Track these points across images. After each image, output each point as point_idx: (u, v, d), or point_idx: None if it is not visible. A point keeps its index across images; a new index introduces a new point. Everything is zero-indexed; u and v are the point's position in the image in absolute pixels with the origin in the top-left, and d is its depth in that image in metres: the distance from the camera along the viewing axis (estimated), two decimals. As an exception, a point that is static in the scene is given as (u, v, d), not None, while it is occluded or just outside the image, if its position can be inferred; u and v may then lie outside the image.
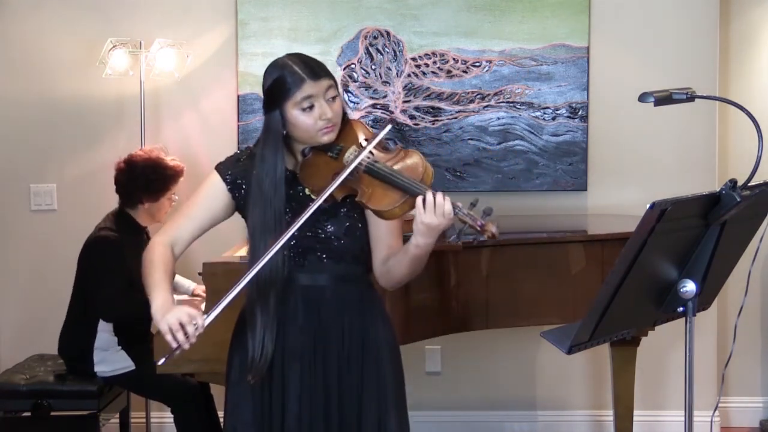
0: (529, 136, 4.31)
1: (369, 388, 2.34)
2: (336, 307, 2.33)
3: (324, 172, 2.28)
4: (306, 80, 2.24)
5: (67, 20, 4.31)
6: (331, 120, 2.27)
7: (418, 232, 2.16)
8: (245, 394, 2.33)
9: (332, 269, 2.32)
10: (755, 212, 2.29)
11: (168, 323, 2.14)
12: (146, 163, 3.69)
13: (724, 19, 4.40)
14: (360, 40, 4.29)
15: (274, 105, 2.28)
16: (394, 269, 2.30)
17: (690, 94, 2.28)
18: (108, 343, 3.67)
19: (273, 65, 2.32)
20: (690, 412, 2.22)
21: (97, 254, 3.63)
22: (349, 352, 2.33)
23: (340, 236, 2.31)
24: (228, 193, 2.36)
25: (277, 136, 2.28)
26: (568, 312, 3.39)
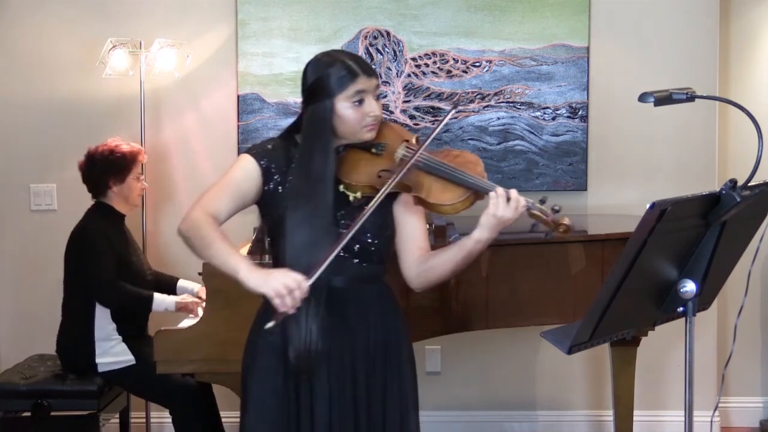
0: (529, 136, 4.31)
1: (392, 389, 2.34)
2: (359, 308, 2.32)
3: (366, 168, 2.28)
4: (360, 75, 2.25)
5: (67, 20, 4.31)
6: (377, 117, 2.29)
7: (487, 226, 2.18)
8: (269, 398, 2.30)
9: (356, 269, 2.30)
10: (755, 212, 2.29)
11: (274, 288, 2.08)
12: (103, 149, 3.77)
13: (724, 19, 4.40)
14: (360, 40, 4.29)
15: (322, 97, 2.25)
16: (437, 267, 2.30)
17: (690, 94, 2.28)
18: (107, 332, 3.68)
19: (320, 58, 2.30)
20: (690, 412, 2.22)
21: (85, 244, 3.69)
22: (374, 352, 2.32)
23: (374, 235, 2.29)
24: (260, 178, 2.29)
25: (327, 129, 2.25)
26: (568, 312, 3.40)
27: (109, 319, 3.69)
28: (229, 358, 3.01)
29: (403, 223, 2.36)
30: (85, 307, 3.68)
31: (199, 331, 3.07)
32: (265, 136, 4.29)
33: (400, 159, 2.28)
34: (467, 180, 2.22)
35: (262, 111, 4.29)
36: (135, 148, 3.81)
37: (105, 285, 3.63)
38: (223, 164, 4.33)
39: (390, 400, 2.33)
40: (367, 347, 2.32)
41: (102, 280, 3.63)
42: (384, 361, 2.34)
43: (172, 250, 4.32)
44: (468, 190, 2.22)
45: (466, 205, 2.23)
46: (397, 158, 2.29)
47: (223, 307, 3.03)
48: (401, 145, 2.31)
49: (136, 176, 3.80)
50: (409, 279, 2.37)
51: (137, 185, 3.82)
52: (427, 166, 2.26)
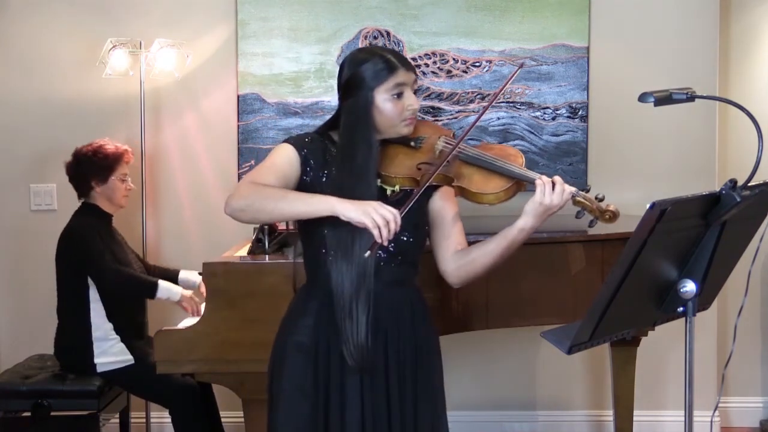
0: (529, 136, 4.31)
1: (423, 393, 2.33)
2: (390, 311, 2.30)
3: (405, 161, 2.29)
4: (400, 67, 2.26)
5: (67, 20, 4.31)
6: (416, 110, 2.29)
7: (533, 214, 2.19)
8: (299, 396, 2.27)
9: (389, 272, 2.29)
10: (755, 212, 2.29)
11: (373, 218, 2.03)
12: (87, 149, 3.78)
13: (724, 19, 4.40)
14: (360, 40, 4.29)
15: (362, 89, 2.25)
16: (478, 260, 2.29)
17: (690, 94, 2.28)
18: (105, 332, 3.68)
19: (359, 54, 2.31)
20: (690, 412, 2.22)
21: (76, 241, 3.70)
22: (405, 357, 2.31)
23: (410, 232, 2.28)
24: (300, 167, 2.26)
25: (368, 118, 2.24)
26: (568, 312, 3.39)
27: (105, 318, 3.69)
28: (229, 358, 3.02)
29: (441, 218, 2.35)
30: (80, 307, 3.68)
31: (199, 331, 3.07)
32: (265, 136, 4.29)
33: (440, 151, 2.29)
34: (510, 169, 2.25)
35: (262, 111, 4.29)
36: (120, 149, 3.81)
37: (105, 267, 3.64)
38: (223, 164, 4.34)
39: (422, 406, 2.32)
40: (398, 350, 2.30)
41: (102, 264, 3.64)
42: (415, 364, 2.33)
43: (172, 250, 4.32)
44: (511, 180, 2.25)
45: (509, 194, 2.26)
46: (437, 150, 2.30)
47: (223, 307, 3.03)
48: (440, 138, 2.33)
49: (121, 177, 3.79)
50: (447, 273, 2.35)
51: (121, 186, 3.80)
52: (468, 156, 2.28)
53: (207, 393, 3.80)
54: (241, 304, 3.01)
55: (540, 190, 2.18)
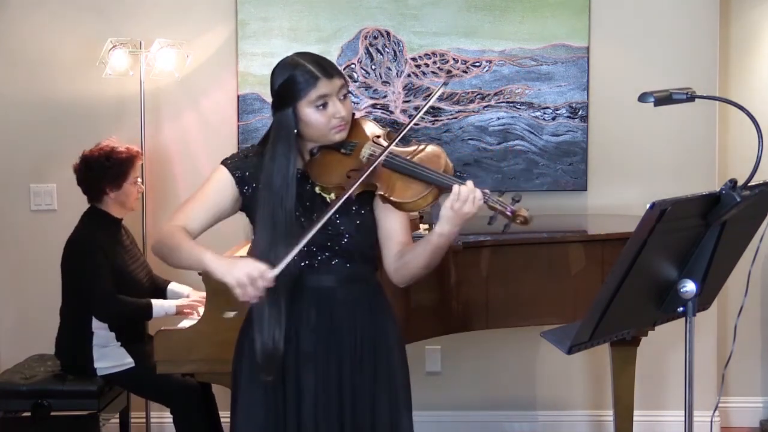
0: (529, 136, 4.31)
1: (381, 389, 2.34)
2: (347, 307, 2.33)
3: (337, 169, 2.29)
4: (320, 79, 2.25)
5: (67, 20, 4.31)
6: (344, 118, 2.29)
7: (446, 220, 2.18)
8: (257, 397, 2.31)
9: (342, 270, 2.32)
10: (755, 212, 2.29)
11: (236, 278, 2.11)
12: (98, 153, 3.71)
13: (724, 19, 4.39)
14: (360, 40, 4.29)
15: (286, 103, 2.27)
16: (410, 263, 2.31)
17: (690, 94, 2.28)
18: (106, 339, 3.67)
19: (284, 64, 2.32)
20: (690, 412, 2.22)
21: (80, 255, 3.65)
22: (361, 353, 2.33)
23: (352, 233, 2.31)
24: (236, 188, 2.34)
25: (290, 135, 2.27)
26: (568, 312, 3.39)
27: (107, 328, 3.68)
28: (229, 358, 2.99)
29: (382, 219, 2.36)
30: (83, 316, 3.66)
31: (199, 331, 3.07)
32: (265, 136, 4.29)
33: (366, 158, 2.29)
34: (427, 175, 2.22)
35: (262, 111, 4.29)
36: (132, 151, 3.76)
37: (101, 303, 3.59)
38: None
39: (379, 401, 2.33)
40: (355, 347, 2.32)
41: (97, 298, 3.59)
42: (373, 361, 2.34)
43: (172, 250, 4.32)
44: (429, 186, 2.22)
45: (428, 200, 2.24)
46: (363, 157, 2.29)
47: (223, 307, 3.03)
48: (369, 142, 2.32)
49: (134, 180, 3.75)
50: (389, 274, 2.38)
51: (134, 189, 3.76)
52: (389, 163, 2.26)
53: (206, 393, 3.79)
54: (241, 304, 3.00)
55: (452, 196, 2.17)
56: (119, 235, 3.78)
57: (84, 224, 3.73)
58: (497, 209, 2.15)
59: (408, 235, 2.38)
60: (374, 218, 2.37)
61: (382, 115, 4.27)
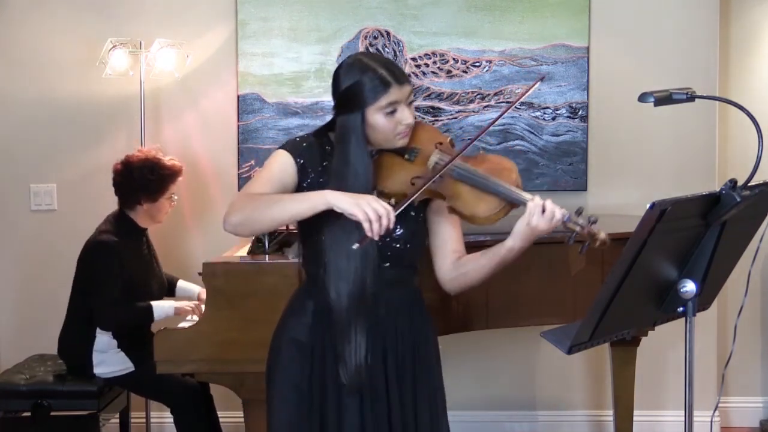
0: (529, 136, 4.31)
1: (422, 394, 2.33)
2: (389, 311, 2.30)
3: (398, 174, 2.27)
4: (392, 85, 2.21)
5: (67, 20, 4.31)
6: (410, 125, 2.26)
7: (521, 236, 2.18)
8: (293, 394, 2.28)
9: (386, 274, 2.28)
10: (755, 212, 2.29)
11: (366, 213, 2.04)
12: (143, 163, 3.66)
13: (724, 19, 4.40)
14: (360, 40, 4.29)
15: (354, 107, 2.22)
16: (470, 274, 2.30)
17: (690, 94, 2.28)
18: (107, 345, 3.67)
19: (352, 66, 2.25)
20: (690, 412, 2.22)
21: (96, 259, 3.62)
22: (403, 357, 2.31)
23: (407, 240, 2.29)
24: (296, 174, 2.26)
25: (360, 138, 2.21)
26: (568, 312, 3.39)
27: (111, 335, 3.67)
28: (229, 358, 3.02)
29: (437, 227, 2.35)
30: (88, 320, 3.64)
31: (199, 331, 3.07)
32: (265, 136, 4.29)
33: (433, 166, 2.26)
34: (501, 190, 2.21)
35: (262, 111, 4.29)
36: (176, 167, 3.70)
37: (105, 313, 3.57)
38: (223, 164, 4.34)
39: (421, 403, 2.32)
40: (396, 350, 2.31)
41: (102, 308, 3.57)
42: (413, 363, 2.33)
43: (172, 251, 4.32)
44: (502, 201, 2.21)
45: (500, 216, 2.22)
46: (430, 165, 2.27)
47: (223, 307, 3.03)
48: (435, 149, 2.29)
49: (169, 195, 3.71)
50: (443, 282, 2.36)
51: (167, 204, 3.73)
52: (460, 174, 2.24)
53: (205, 393, 3.79)
54: (241, 304, 3.01)
55: (529, 212, 2.16)
56: (141, 246, 3.75)
57: (108, 228, 3.67)
58: (576, 230, 2.15)
59: (462, 244, 2.36)
60: (427, 226, 2.36)
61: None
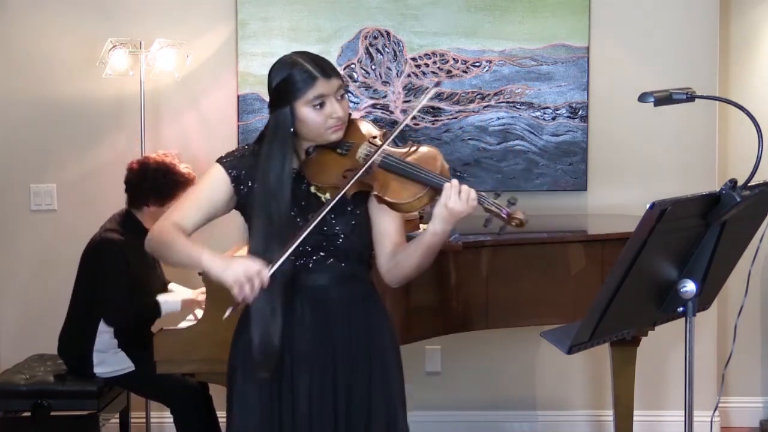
0: (529, 136, 4.31)
1: (376, 389, 2.34)
2: (342, 307, 2.33)
3: (333, 169, 2.30)
4: (318, 79, 2.25)
5: (67, 20, 4.31)
6: (341, 118, 2.29)
7: (440, 218, 2.19)
8: (253, 396, 2.32)
9: (336, 269, 2.32)
10: (755, 212, 2.29)
11: (234, 276, 2.12)
12: (159, 166, 3.68)
13: (724, 19, 4.40)
14: (360, 40, 4.29)
15: (283, 102, 2.28)
16: (403, 263, 2.31)
17: (690, 94, 2.29)
18: (108, 345, 3.67)
19: (282, 63, 2.32)
20: (690, 412, 2.22)
21: (102, 257, 3.62)
22: (356, 352, 2.33)
23: (348, 234, 2.31)
24: (231, 186, 2.34)
25: (286, 133, 2.28)
26: (568, 312, 3.39)
27: (112, 334, 3.67)
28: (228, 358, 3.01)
29: (376, 220, 2.36)
30: (90, 319, 3.65)
31: (199, 331, 3.07)
32: (265, 136, 4.29)
33: (362, 158, 2.29)
34: (422, 176, 2.22)
35: (262, 111, 4.29)
36: (191, 175, 3.70)
37: (112, 308, 3.58)
38: (223, 164, 4.33)
39: (375, 401, 2.33)
40: (349, 346, 2.33)
41: (109, 303, 3.58)
42: (368, 360, 2.34)
43: (172, 250, 4.32)
44: (424, 187, 2.22)
45: (423, 201, 2.23)
46: (359, 158, 2.29)
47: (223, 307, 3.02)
48: (365, 143, 2.32)
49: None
50: (382, 274, 2.38)
51: None
52: (385, 164, 2.26)
53: (204, 393, 3.79)
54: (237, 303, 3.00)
55: (445, 194, 2.17)
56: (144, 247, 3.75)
57: (114, 226, 3.68)
58: (492, 211, 2.15)
59: (402, 236, 2.38)
60: (369, 219, 2.37)
61: (382, 115, 4.27)
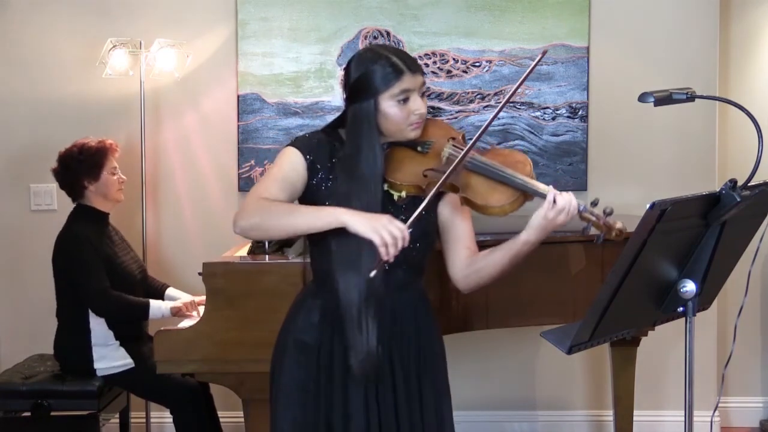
0: (529, 136, 4.31)
1: (428, 396, 2.32)
2: (396, 313, 2.29)
3: (410, 165, 2.25)
4: (405, 73, 2.20)
5: (67, 20, 4.31)
6: (422, 115, 2.25)
7: (537, 228, 2.16)
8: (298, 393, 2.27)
9: (394, 276, 2.26)
10: (755, 212, 2.29)
11: (381, 234, 2.02)
12: (71, 150, 3.73)
13: (724, 19, 4.40)
14: (360, 40, 4.29)
15: (366, 95, 2.21)
16: (484, 270, 2.28)
17: (690, 94, 2.28)
18: (105, 338, 3.67)
19: (363, 55, 2.25)
20: (690, 412, 2.22)
21: (71, 251, 3.65)
22: (410, 360, 2.30)
23: (418, 240, 2.25)
24: (306, 172, 2.25)
25: (372, 126, 2.21)
26: (568, 312, 3.40)
27: (106, 325, 3.68)
28: (229, 358, 3.02)
29: (450, 224, 2.33)
30: (80, 314, 3.66)
31: (199, 331, 3.07)
32: (265, 136, 4.29)
33: (446, 158, 2.24)
34: (516, 181, 2.19)
35: (262, 111, 4.29)
36: (105, 142, 3.76)
37: (97, 296, 3.59)
38: (223, 164, 4.34)
39: (427, 406, 2.32)
40: (403, 355, 2.30)
41: (93, 292, 3.58)
42: (419, 367, 2.32)
43: (171, 251, 4.32)
44: (517, 191, 2.19)
45: (515, 207, 2.20)
46: (444, 157, 2.25)
47: (223, 307, 3.03)
48: (448, 143, 2.27)
49: (111, 171, 3.74)
50: (457, 280, 2.34)
51: (114, 180, 3.75)
52: (474, 165, 2.22)
53: (205, 393, 3.79)
54: (241, 304, 3.01)
55: (548, 203, 2.14)
56: (106, 229, 3.78)
57: (70, 221, 3.75)
58: (591, 221, 2.14)
59: (474, 241, 2.34)
60: (437, 227, 2.34)
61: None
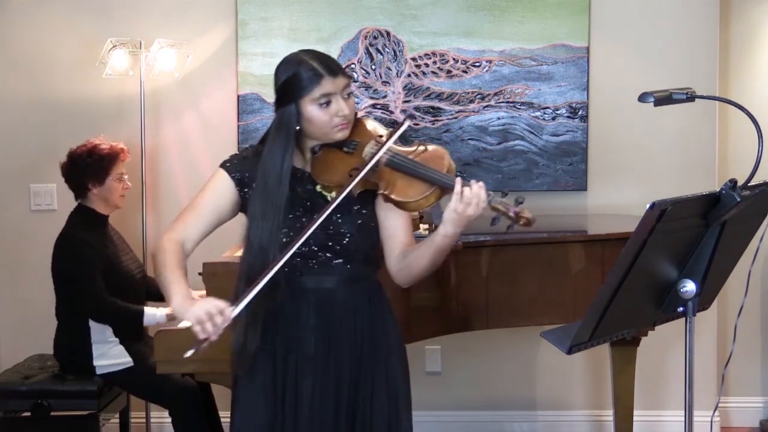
0: (529, 136, 4.31)
1: (380, 390, 2.33)
2: (347, 308, 2.32)
3: (339, 167, 2.29)
4: (324, 77, 2.24)
5: (67, 20, 4.31)
6: (347, 117, 2.28)
7: (450, 221, 2.17)
8: (256, 397, 2.32)
9: (342, 270, 2.31)
10: (755, 212, 2.30)
11: (195, 315, 2.10)
12: (83, 150, 3.74)
13: (724, 19, 4.39)
14: (360, 40, 4.29)
15: (289, 100, 2.27)
16: (414, 263, 2.30)
17: (690, 94, 2.29)
18: (104, 334, 3.67)
19: (288, 61, 2.31)
20: (690, 412, 2.22)
21: (69, 254, 3.67)
22: (360, 353, 2.32)
23: (353, 233, 2.30)
24: (236, 190, 2.34)
25: (290, 131, 2.27)
26: (568, 312, 3.39)
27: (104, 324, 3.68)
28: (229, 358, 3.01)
29: (384, 219, 2.35)
30: (78, 313, 3.66)
31: (199, 331, 3.06)
32: (265, 136, 4.29)
33: (368, 157, 2.28)
34: (429, 175, 2.21)
35: (262, 111, 4.29)
36: (116, 148, 3.76)
37: (94, 303, 3.60)
38: (223, 164, 4.33)
39: (378, 403, 2.33)
40: (354, 348, 2.32)
41: (89, 298, 3.60)
42: (372, 362, 2.33)
43: (172, 250, 4.32)
44: (431, 186, 2.21)
45: (430, 200, 2.22)
46: (366, 156, 2.29)
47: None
48: (371, 142, 2.31)
49: (117, 177, 3.75)
50: (392, 274, 2.37)
51: (118, 186, 3.76)
52: (391, 162, 2.25)
53: (206, 393, 3.79)
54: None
55: (454, 198, 2.16)
56: (106, 230, 3.79)
57: (70, 221, 3.75)
58: (500, 211, 2.14)
59: (410, 236, 2.37)
60: (376, 218, 2.36)
61: (382, 115, 4.27)
